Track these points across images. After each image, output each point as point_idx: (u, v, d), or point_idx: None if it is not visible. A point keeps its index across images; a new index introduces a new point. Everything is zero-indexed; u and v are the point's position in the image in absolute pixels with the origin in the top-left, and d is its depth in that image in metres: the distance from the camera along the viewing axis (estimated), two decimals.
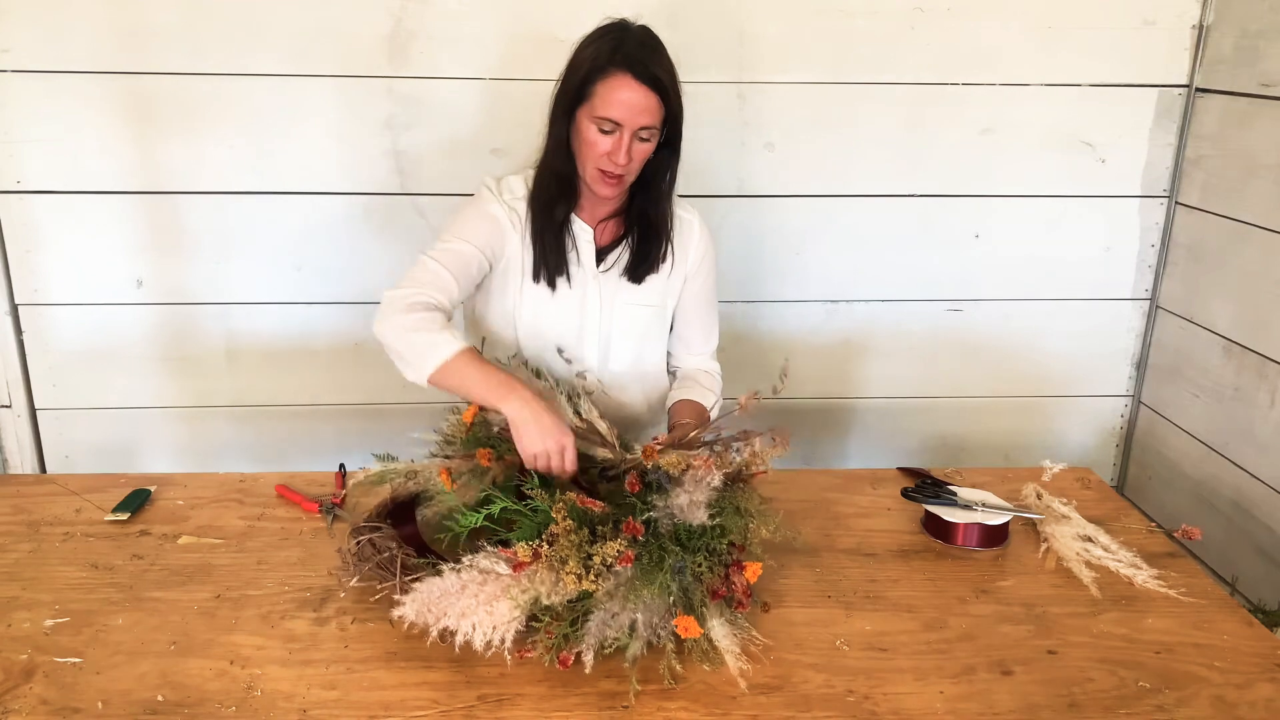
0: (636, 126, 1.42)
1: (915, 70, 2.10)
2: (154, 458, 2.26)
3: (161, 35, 1.97)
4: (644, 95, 1.41)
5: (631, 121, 1.41)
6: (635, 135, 1.43)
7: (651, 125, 1.44)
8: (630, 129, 1.42)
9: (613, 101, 1.40)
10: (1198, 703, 1.17)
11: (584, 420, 1.43)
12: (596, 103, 1.42)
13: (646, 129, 1.43)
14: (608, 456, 1.39)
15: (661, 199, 1.56)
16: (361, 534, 1.37)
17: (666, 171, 1.54)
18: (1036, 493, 1.62)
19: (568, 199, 1.53)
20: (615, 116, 1.41)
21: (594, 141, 1.44)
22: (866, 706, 1.14)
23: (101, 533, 1.49)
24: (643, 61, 1.41)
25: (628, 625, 1.18)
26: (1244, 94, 2.00)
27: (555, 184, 1.51)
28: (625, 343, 1.62)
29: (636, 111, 1.41)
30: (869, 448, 2.39)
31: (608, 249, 1.58)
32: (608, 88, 1.41)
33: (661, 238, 1.58)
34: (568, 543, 1.20)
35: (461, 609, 1.18)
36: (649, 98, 1.41)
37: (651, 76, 1.41)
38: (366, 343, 2.20)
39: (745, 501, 1.34)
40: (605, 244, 1.59)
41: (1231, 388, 2.05)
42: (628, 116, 1.41)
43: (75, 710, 1.11)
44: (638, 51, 1.41)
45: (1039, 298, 2.29)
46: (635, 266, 1.58)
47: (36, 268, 2.10)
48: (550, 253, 1.52)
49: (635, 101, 1.40)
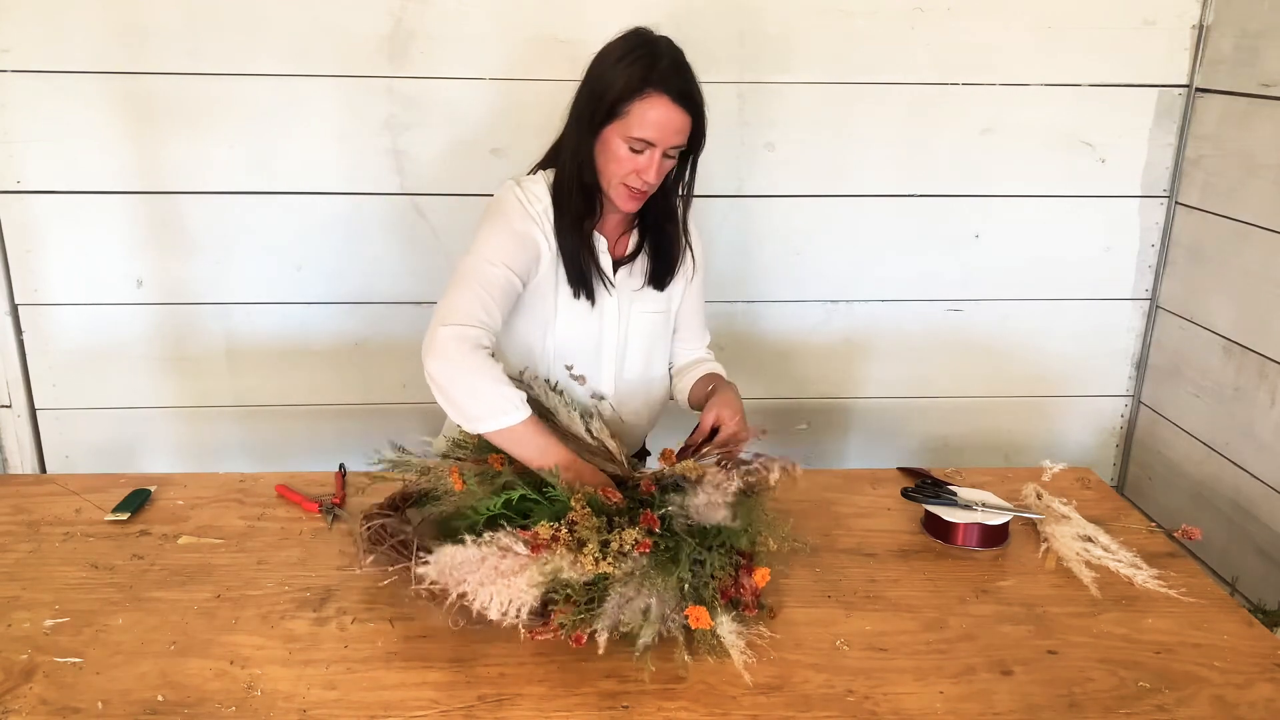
0: (668, 145, 1.43)
1: (915, 70, 2.10)
2: (154, 458, 2.26)
3: (161, 35, 1.97)
4: (679, 116, 1.42)
5: (664, 141, 1.42)
6: (664, 153, 1.44)
7: (682, 145, 1.45)
8: (662, 148, 1.43)
9: (648, 122, 1.40)
10: (1198, 703, 1.17)
11: (595, 439, 1.44)
12: (632, 122, 1.41)
13: (676, 147, 1.44)
14: (617, 473, 1.40)
15: (676, 212, 1.57)
16: (373, 520, 1.37)
17: (682, 182, 1.55)
18: (1036, 493, 1.62)
19: (592, 213, 1.52)
20: (650, 137, 1.41)
21: (624, 159, 1.43)
22: (866, 706, 1.14)
23: (101, 533, 1.49)
24: (681, 83, 1.42)
25: (642, 610, 1.19)
26: (1244, 94, 2.00)
27: (581, 199, 1.49)
28: (638, 350, 1.62)
29: (671, 132, 1.42)
30: (869, 448, 2.39)
31: (623, 260, 1.58)
32: (644, 108, 1.40)
33: (679, 245, 1.59)
34: (587, 526, 1.21)
35: (480, 578, 1.19)
36: (684, 118, 1.42)
37: (688, 97, 1.42)
38: (366, 343, 2.21)
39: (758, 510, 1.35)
40: (620, 255, 1.58)
41: (1231, 388, 2.05)
42: (661, 136, 1.41)
43: (75, 710, 1.11)
44: (673, 72, 1.42)
45: (1039, 298, 2.29)
46: (661, 275, 1.59)
47: (36, 268, 2.10)
48: (581, 267, 1.51)
49: (671, 122, 1.41)
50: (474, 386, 1.34)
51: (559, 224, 1.50)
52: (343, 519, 1.53)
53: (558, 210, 1.49)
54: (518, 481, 1.34)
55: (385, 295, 2.17)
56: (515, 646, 1.22)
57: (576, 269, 1.50)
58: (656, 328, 1.63)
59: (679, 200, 1.57)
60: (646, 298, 1.60)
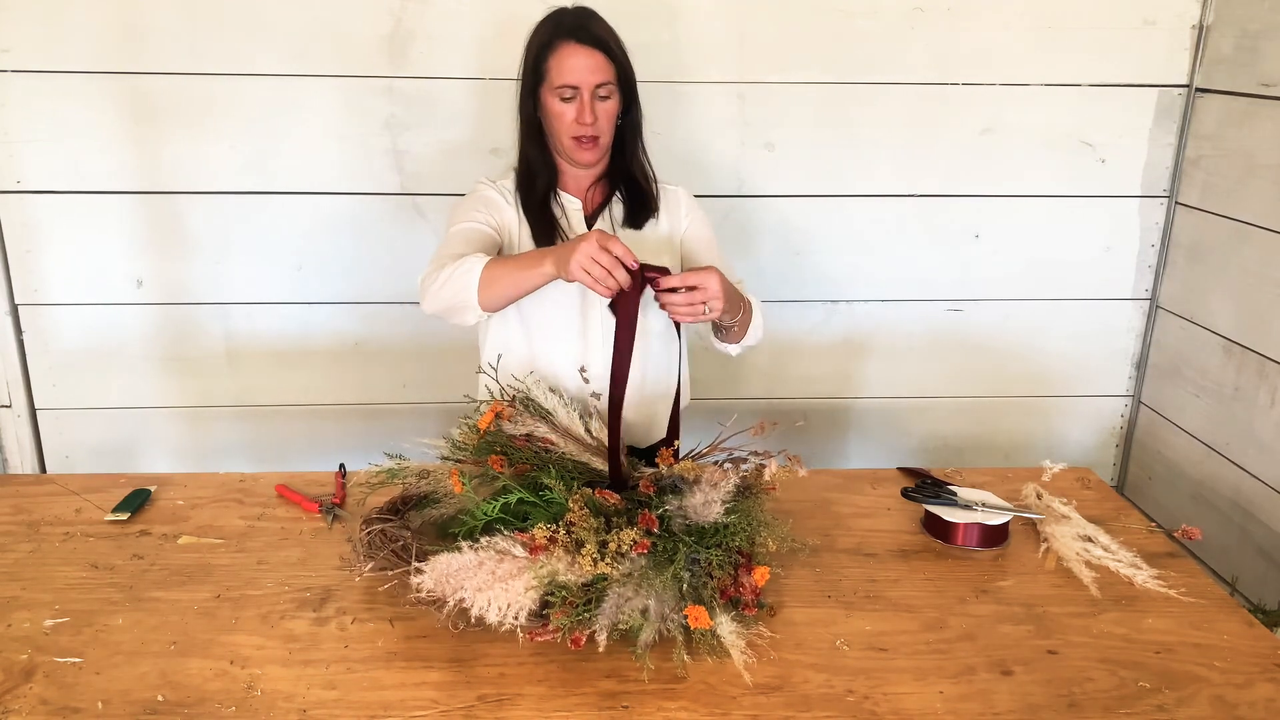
0: (592, 85, 1.53)
1: (915, 70, 2.10)
2: (154, 458, 2.26)
3: (161, 35, 1.97)
4: (590, 55, 1.53)
5: (586, 82, 1.53)
6: (595, 95, 1.54)
7: (606, 81, 1.54)
8: (588, 89, 1.53)
9: (565, 69, 1.53)
10: (1198, 703, 1.16)
11: (594, 438, 1.45)
12: (552, 75, 1.54)
13: (602, 85, 1.54)
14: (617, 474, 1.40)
15: (636, 155, 1.66)
16: (372, 525, 1.38)
17: (632, 129, 1.64)
18: (1036, 493, 1.62)
19: (546, 173, 1.63)
20: (571, 81, 1.53)
21: (560, 112, 1.55)
22: (866, 706, 1.14)
23: (101, 533, 1.49)
24: (582, 27, 1.54)
25: (640, 610, 1.19)
26: (1244, 94, 2.00)
27: (532, 163, 1.62)
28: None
29: (588, 71, 1.53)
30: (869, 448, 2.39)
31: (597, 212, 1.66)
32: (558, 59, 1.53)
33: (647, 186, 1.67)
34: (585, 527, 1.22)
35: (478, 583, 1.20)
36: (595, 56, 1.53)
37: (593, 37, 1.54)
38: (366, 343, 2.21)
39: (755, 510, 1.35)
40: (593, 210, 1.66)
41: (1231, 388, 2.05)
42: (582, 78, 1.53)
43: (75, 710, 1.11)
44: (575, 20, 1.56)
45: (1039, 298, 2.29)
46: (634, 215, 1.66)
47: (36, 268, 2.10)
48: (542, 224, 1.61)
49: (584, 63, 1.53)
50: (445, 287, 1.46)
51: (523, 193, 1.63)
52: (343, 519, 1.54)
53: (521, 181, 1.63)
54: (515, 484, 1.34)
55: (385, 295, 2.17)
56: (515, 647, 1.22)
57: (542, 228, 1.60)
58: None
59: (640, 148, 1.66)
60: (632, 240, 1.63)
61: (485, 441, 1.43)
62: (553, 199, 1.63)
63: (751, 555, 1.32)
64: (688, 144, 2.10)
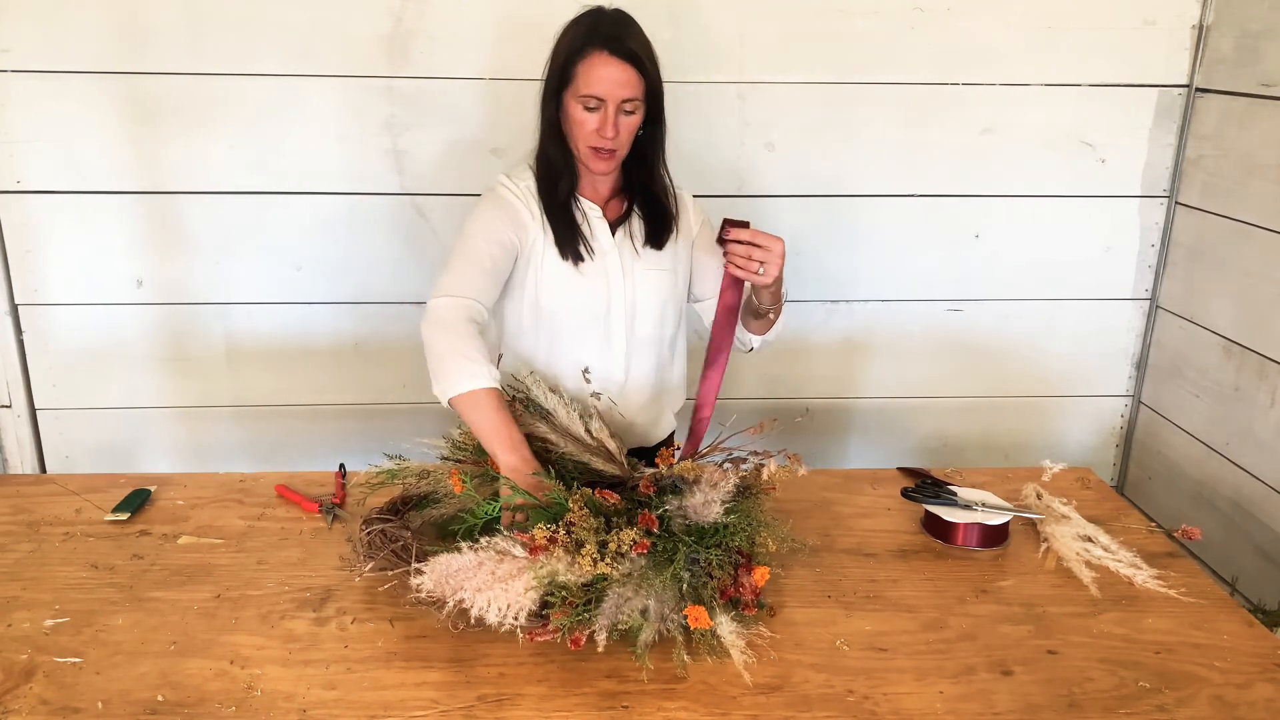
0: (619, 100, 1.49)
1: (915, 70, 2.10)
2: (154, 458, 2.26)
3: (162, 35, 1.97)
4: (621, 69, 1.48)
5: (613, 95, 1.49)
6: (619, 109, 1.50)
7: (633, 98, 1.51)
8: (613, 103, 1.49)
9: (593, 79, 1.48)
10: (1198, 703, 1.17)
11: (594, 439, 1.45)
12: (579, 82, 1.49)
13: (629, 101, 1.50)
14: (616, 474, 1.40)
15: (656, 171, 1.64)
16: (372, 525, 1.38)
17: (655, 145, 1.62)
18: (1036, 493, 1.62)
19: (568, 176, 1.60)
20: (597, 93, 1.48)
21: (582, 120, 1.51)
22: (866, 706, 1.14)
23: (101, 533, 1.49)
24: (617, 38, 1.49)
25: (640, 611, 1.19)
26: (1244, 94, 2.00)
27: (553, 165, 1.59)
28: (649, 308, 1.65)
29: (617, 85, 1.48)
30: (869, 448, 2.39)
31: (618, 223, 1.64)
32: (587, 66, 1.48)
33: (667, 204, 1.65)
34: (585, 527, 1.22)
35: (477, 584, 1.20)
36: (626, 71, 1.48)
37: (627, 51, 1.48)
38: (366, 342, 2.21)
39: (755, 510, 1.35)
40: (614, 219, 1.65)
41: (1231, 388, 2.05)
42: (609, 91, 1.48)
43: (75, 710, 1.11)
44: (611, 29, 1.50)
45: (1039, 298, 2.29)
46: (656, 234, 1.64)
47: (36, 268, 2.10)
48: (565, 228, 1.59)
49: (614, 76, 1.48)
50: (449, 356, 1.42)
51: (544, 195, 1.59)
52: (343, 519, 1.54)
53: (541, 182, 1.59)
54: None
55: (385, 295, 2.17)
56: (515, 647, 1.22)
57: (565, 233, 1.58)
58: (664, 286, 1.66)
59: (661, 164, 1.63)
60: (649, 257, 1.64)
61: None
62: (574, 203, 1.61)
63: (751, 555, 1.32)
64: (688, 144, 2.09)
